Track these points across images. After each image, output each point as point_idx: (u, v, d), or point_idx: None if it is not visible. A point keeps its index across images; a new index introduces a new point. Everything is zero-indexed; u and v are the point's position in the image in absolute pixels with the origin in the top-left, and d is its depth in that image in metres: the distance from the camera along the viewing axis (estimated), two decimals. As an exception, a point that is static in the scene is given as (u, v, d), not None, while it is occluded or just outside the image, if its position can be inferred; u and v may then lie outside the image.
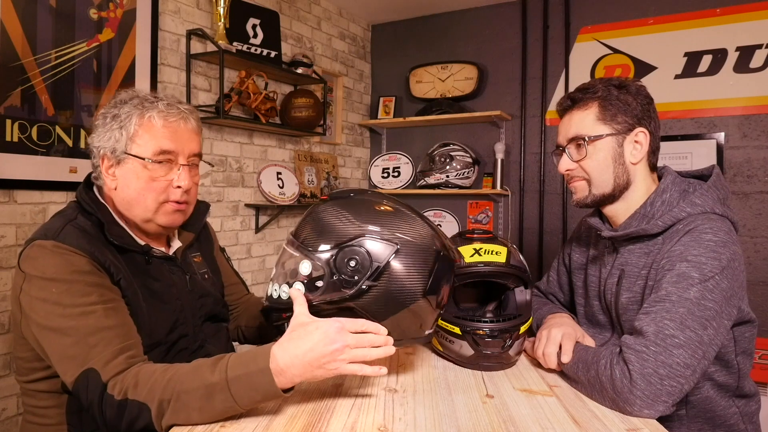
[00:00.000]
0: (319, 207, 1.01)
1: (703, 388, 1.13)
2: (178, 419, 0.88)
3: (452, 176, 3.17)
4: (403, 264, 0.95)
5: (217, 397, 0.86)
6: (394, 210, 1.00)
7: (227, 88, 2.51)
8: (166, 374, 0.90)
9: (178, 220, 1.13)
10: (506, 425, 0.89)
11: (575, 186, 1.22)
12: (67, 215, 1.05)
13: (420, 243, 0.97)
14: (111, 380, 0.90)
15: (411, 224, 0.99)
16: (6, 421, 1.78)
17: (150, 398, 0.88)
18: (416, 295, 0.96)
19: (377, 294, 0.94)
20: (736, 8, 2.65)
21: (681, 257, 1.04)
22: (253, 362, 0.88)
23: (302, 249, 0.98)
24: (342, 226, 0.96)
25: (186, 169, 1.10)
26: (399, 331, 0.97)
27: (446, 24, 3.45)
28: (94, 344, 0.92)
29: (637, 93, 1.16)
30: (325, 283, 0.95)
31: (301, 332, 0.89)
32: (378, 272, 0.94)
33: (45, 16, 1.85)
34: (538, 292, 1.52)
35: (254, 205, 2.74)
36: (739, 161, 2.66)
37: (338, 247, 0.95)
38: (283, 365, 0.87)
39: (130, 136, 1.06)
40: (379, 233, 0.95)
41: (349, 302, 0.95)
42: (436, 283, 0.97)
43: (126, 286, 1.03)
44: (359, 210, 0.98)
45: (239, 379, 0.87)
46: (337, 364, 0.89)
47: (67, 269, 0.96)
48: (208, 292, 1.22)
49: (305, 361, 0.87)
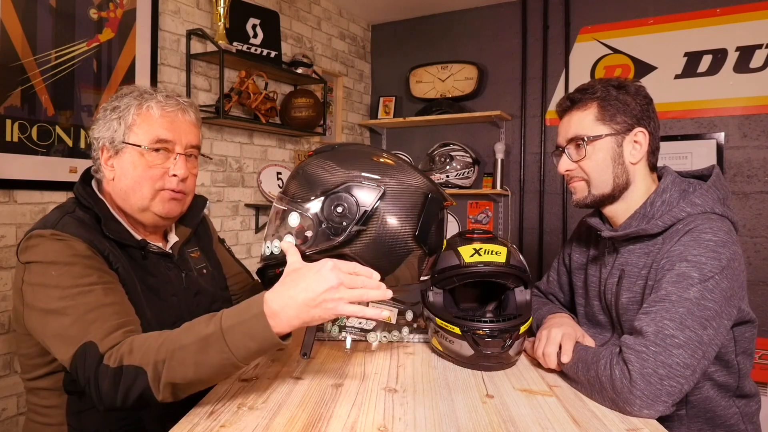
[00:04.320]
0: (305, 162, 1.02)
1: (703, 388, 1.13)
2: (175, 377, 0.86)
3: (452, 176, 3.17)
4: (390, 207, 0.94)
5: (212, 348, 0.85)
6: (379, 157, 1.00)
7: (227, 88, 2.51)
8: (160, 337, 0.90)
9: (174, 210, 1.13)
10: (506, 425, 0.89)
11: (575, 186, 1.22)
12: (66, 208, 1.06)
13: (406, 186, 0.96)
14: (108, 352, 0.89)
15: (397, 170, 0.98)
16: (6, 421, 1.78)
17: (145, 361, 0.87)
18: (407, 238, 0.95)
19: (368, 240, 0.94)
20: (736, 8, 2.65)
21: (681, 257, 1.04)
22: (246, 310, 0.87)
23: (291, 203, 0.98)
24: (327, 176, 0.97)
25: (183, 159, 1.11)
26: (393, 278, 0.96)
27: (446, 24, 3.45)
28: (93, 320, 0.92)
29: (636, 93, 1.16)
30: (314, 232, 0.95)
31: (294, 276, 0.88)
32: (365, 216, 0.93)
33: (45, 16, 1.85)
34: (538, 292, 1.52)
35: (254, 205, 2.74)
36: (739, 161, 2.66)
37: (324, 194, 0.95)
38: (277, 307, 0.85)
39: (128, 125, 1.08)
40: (364, 178, 0.95)
41: (341, 249, 0.94)
42: (426, 226, 0.97)
43: (124, 275, 1.03)
44: (344, 159, 0.99)
45: (233, 328, 0.85)
46: (334, 303, 0.86)
47: (67, 252, 0.96)
48: (204, 290, 1.22)
49: (300, 301, 0.85)
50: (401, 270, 0.97)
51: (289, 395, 1.00)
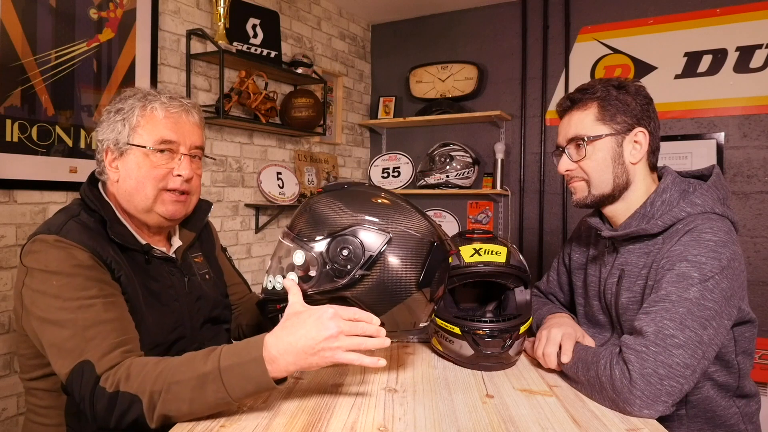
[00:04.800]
0: (313, 199, 1.02)
1: (703, 388, 1.13)
2: (170, 410, 0.87)
3: (452, 176, 3.17)
4: (395, 254, 0.94)
5: (209, 387, 0.86)
6: (388, 201, 1.00)
7: (227, 88, 2.51)
8: (158, 366, 0.89)
9: (178, 212, 1.13)
10: (506, 425, 0.89)
11: (575, 186, 1.22)
12: (71, 211, 1.06)
13: (413, 233, 0.97)
14: (105, 373, 0.90)
15: (405, 215, 0.98)
16: (6, 421, 1.78)
17: (141, 390, 0.87)
18: (410, 286, 0.95)
19: (370, 284, 0.94)
20: (736, 8, 2.65)
21: (681, 257, 1.04)
22: (246, 351, 0.88)
23: (297, 240, 0.98)
24: (335, 216, 0.97)
25: (187, 159, 1.11)
26: (393, 323, 0.96)
27: (446, 24, 3.45)
28: (91, 337, 0.92)
29: (636, 93, 1.16)
30: (318, 272, 0.95)
31: (295, 320, 0.89)
32: (370, 261, 0.93)
33: (45, 16, 1.85)
34: (538, 292, 1.52)
35: (254, 205, 2.74)
36: (739, 161, 2.66)
37: (331, 236, 0.95)
38: (276, 353, 0.86)
39: (132, 127, 1.08)
40: (372, 223, 0.95)
41: (343, 292, 0.94)
42: (430, 275, 0.97)
43: (126, 283, 1.03)
44: (353, 201, 0.99)
45: (231, 368, 0.86)
46: (332, 352, 0.87)
47: (69, 263, 0.96)
48: (206, 295, 1.22)
49: (299, 348, 0.86)
50: (402, 315, 0.97)
51: (289, 395, 1.00)
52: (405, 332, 1.00)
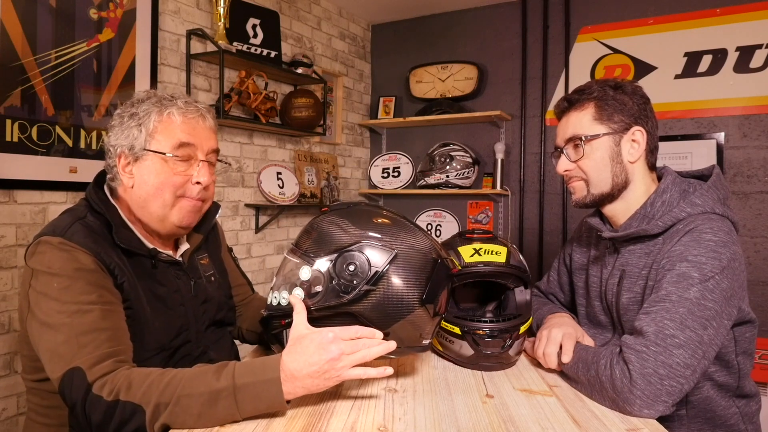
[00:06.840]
0: (319, 218, 1.04)
1: (703, 388, 1.13)
2: (174, 423, 0.87)
3: (452, 176, 3.17)
4: (400, 270, 0.96)
5: (220, 403, 0.86)
6: (391, 219, 1.02)
7: (227, 88, 2.51)
8: (164, 377, 0.89)
9: (194, 220, 1.14)
10: (506, 425, 0.89)
11: (574, 186, 1.22)
12: (77, 213, 1.05)
13: (417, 250, 0.98)
14: (97, 381, 0.89)
15: (409, 233, 1.01)
16: (6, 421, 1.78)
17: (146, 400, 0.87)
18: (413, 302, 0.96)
19: (375, 300, 0.95)
20: (736, 8, 2.65)
21: (681, 257, 1.04)
22: (262, 371, 0.88)
23: (304, 256, 1.00)
24: (342, 233, 0.98)
25: (205, 166, 1.11)
26: (397, 339, 0.97)
27: (446, 24, 3.45)
28: (85, 344, 0.91)
29: (633, 93, 1.17)
30: (324, 288, 0.96)
31: (298, 348, 0.90)
32: (376, 277, 0.94)
33: (45, 16, 1.85)
34: (538, 292, 1.52)
35: (254, 205, 2.74)
36: (739, 161, 2.66)
37: (338, 252, 0.96)
38: (290, 377, 0.88)
39: (149, 132, 1.07)
40: (377, 240, 0.97)
41: (348, 307, 0.96)
42: (434, 291, 0.98)
43: (129, 289, 1.03)
44: (358, 219, 1.01)
45: (247, 387, 0.87)
46: (338, 371, 0.89)
47: (72, 266, 0.96)
48: (212, 298, 1.21)
49: (307, 374, 0.88)
50: (406, 331, 0.98)
51: (289, 395, 1.00)
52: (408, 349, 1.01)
